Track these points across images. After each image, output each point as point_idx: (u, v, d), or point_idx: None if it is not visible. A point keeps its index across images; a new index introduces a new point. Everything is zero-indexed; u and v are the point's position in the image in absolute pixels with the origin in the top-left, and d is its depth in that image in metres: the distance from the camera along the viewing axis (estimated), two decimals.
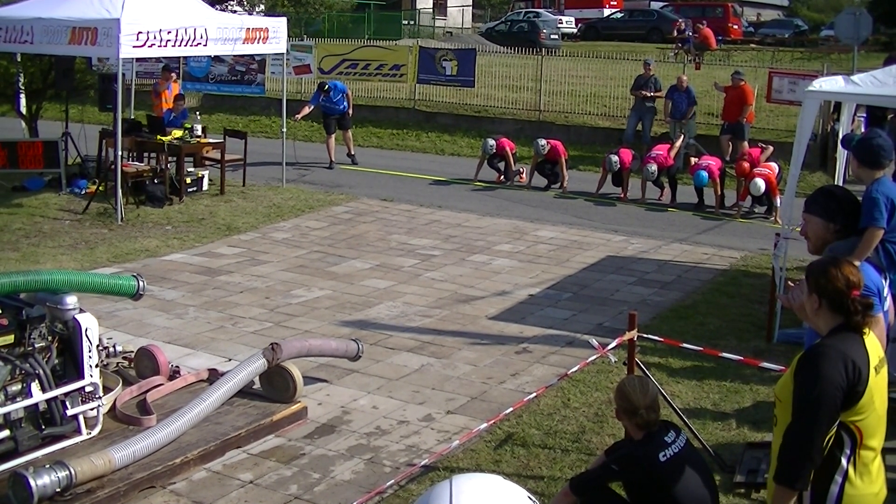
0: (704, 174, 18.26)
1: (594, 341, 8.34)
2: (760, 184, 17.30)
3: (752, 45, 46.41)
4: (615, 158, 19.31)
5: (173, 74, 23.24)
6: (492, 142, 20.57)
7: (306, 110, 22.35)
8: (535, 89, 27.92)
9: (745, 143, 21.05)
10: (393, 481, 7.67)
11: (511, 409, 8.53)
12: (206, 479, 7.82)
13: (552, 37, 47.07)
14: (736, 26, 52.72)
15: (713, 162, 18.82)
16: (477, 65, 28.13)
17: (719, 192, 18.55)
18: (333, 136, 22.41)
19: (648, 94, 23.25)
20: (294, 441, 8.50)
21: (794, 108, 20.18)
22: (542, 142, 20.06)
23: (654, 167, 18.92)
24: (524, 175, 20.79)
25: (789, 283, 8.09)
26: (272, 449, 8.35)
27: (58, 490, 7.07)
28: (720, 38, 44.13)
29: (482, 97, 28.60)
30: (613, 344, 8.22)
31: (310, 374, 9.72)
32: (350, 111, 22.98)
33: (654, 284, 13.48)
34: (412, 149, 25.79)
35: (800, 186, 11.70)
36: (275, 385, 8.98)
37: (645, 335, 8.34)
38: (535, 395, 8.74)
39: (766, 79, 23.95)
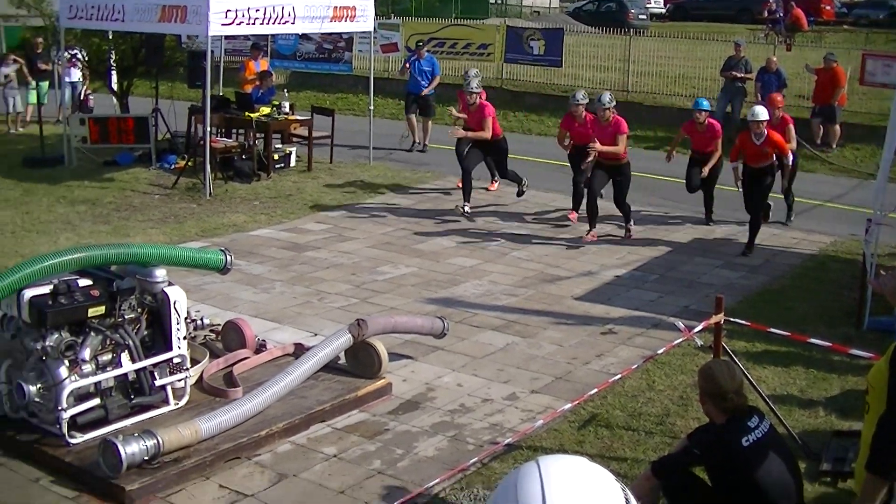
0: None
1: (680, 324, 8.27)
2: None
3: (845, 27, 45.45)
4: None
5: (261, 52, 23.37)
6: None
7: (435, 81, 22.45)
8: (623, 70, 27.66)
9: (837, 127, 20.71)
10: (476, 459, 7.68)
11: (595, 389, 8.47)
12: (291, 451, 7.89)
13: (640, 17, 46.55)
14: (828, 7, 51.60)
15: None
16: (564, 44, 27.90)
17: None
18: (413, 115, 22.07)
19: (738, 76, 22.93)
20: (378, 416, 8.53)
21: (888, 92, 19.76)
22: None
23: None
24: None
25: (881, 269, 7.94)
26: (356, 424, 8.39)
27: (145, 458, 7.17)
28: (812, 18, 43.26)
29: (569, 77, 28.38)
30: (700, 327, 8.14)
31: (395, 350, 9.74)
32: (430, 94, 22.28)
33: (741, 268, 13.32)
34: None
35: (893, 171, 11.46)
36: (360, 360, 9.01)
37: (731, 319, 8.23)
38: (619, 376, 8.69)
39: (860, 61, 23.45)
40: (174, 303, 8.10)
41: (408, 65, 22.42)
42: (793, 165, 15.09)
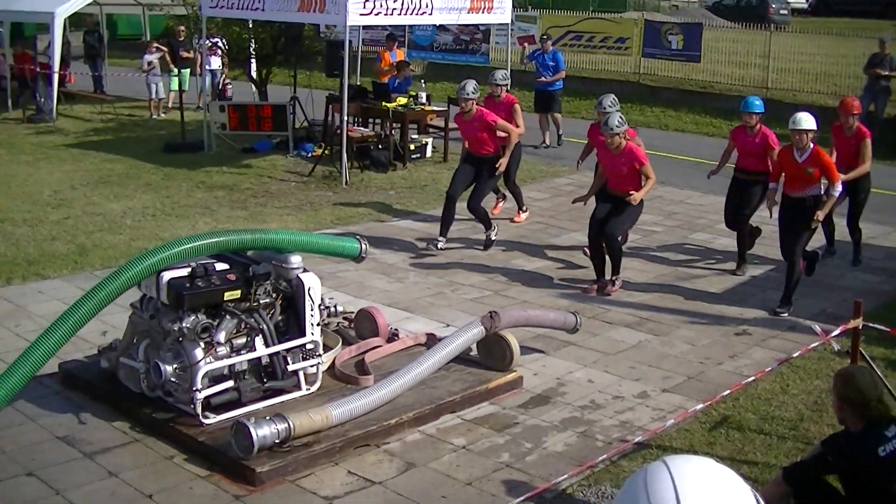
0: None
1: (817, 327, 8.09)
2: None
3: None
4: None
5: (396, 42, 23.48)
6: None
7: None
8: (763, 66, 27.17)
9: None
10: (605, 456, 7.60)
11: (728, 391, 8.32)
12: (420, 441, 7.90)
13: (781, 12, 45.69)
14: None
15: None
16: (703, 39, 27.53)
17: None
18: (540, 114, 21.70)
19: (883, 74, 22.34)
20: (508, 409, 8.50)
21: None
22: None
23: None
24: None
25: None
26: (486, 416, 8.37)
27: (276, 441, 7.25)
28: None
29: (708, 73, 28.00)
30: (837, 331, 7.93)
31: (527, 343, 9.70)
32: (555, 87, 21.81)
33: (881, 272, 12.96)
34: (635, 123, 25.22)
35: None
36: (492, 353, 9.00)
37: (870, 324, 8.00)
38: (753, 378, 8.52)
39: None
40: (309, 289, 8.18)
41: (527, 61, 22.19)
42: (855, 194, 12.73)
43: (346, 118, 17.03)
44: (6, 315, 10.69)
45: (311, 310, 8.21)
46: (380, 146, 18.64)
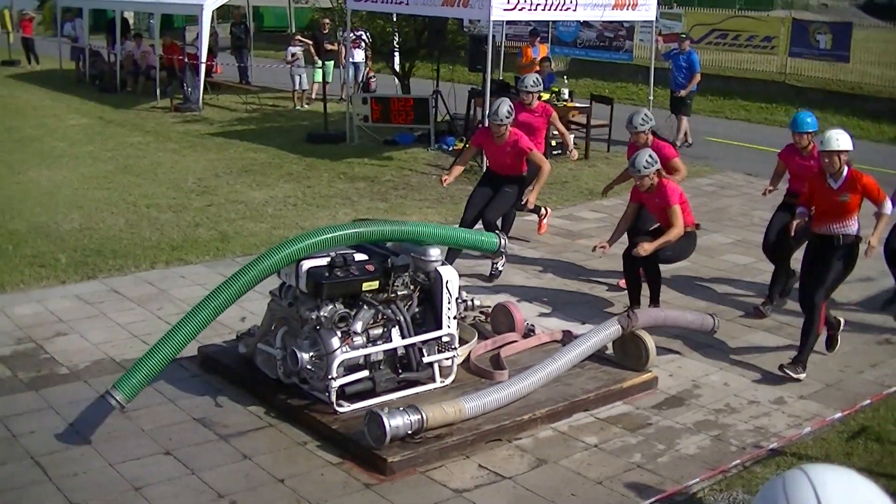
0: None
1: None
2: None
3: None
4: None
5: (539, 38, 23.43)
6: None
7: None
8: None
9: None
10: (738, 461, 7.46)
11: (868, 401, 8.13)
12: (552, 437, 7.86)
13: None
14: None
15: None
16: (853, 39, 26.87)
17: None
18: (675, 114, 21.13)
19: None
20: (642, 410, 8.40)
21: None
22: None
23: None
24: None
25: None
26: (619, 415, 8.28)
27: (409, 432, 7.27)
28: None
29: (857, 73, 27.36)
30: None
31: (663, 344, 9.57)
32: (687, 93, 20.83)
33: None
34: (781, 124, 24.90)
35: None
36: (628, 352, 8.91)
37: None
38: (894, 389, 8.29)
39: None
40: (447, 282, 8.19)
41: (663, 59, 21.70)
42: None
43: (487, 113, 17.03)
44: (149, 298, 10.95)
45: (449, 303, 8.22)
46: None
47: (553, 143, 18.94)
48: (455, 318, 8.31)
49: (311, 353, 7.80)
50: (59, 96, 28.25)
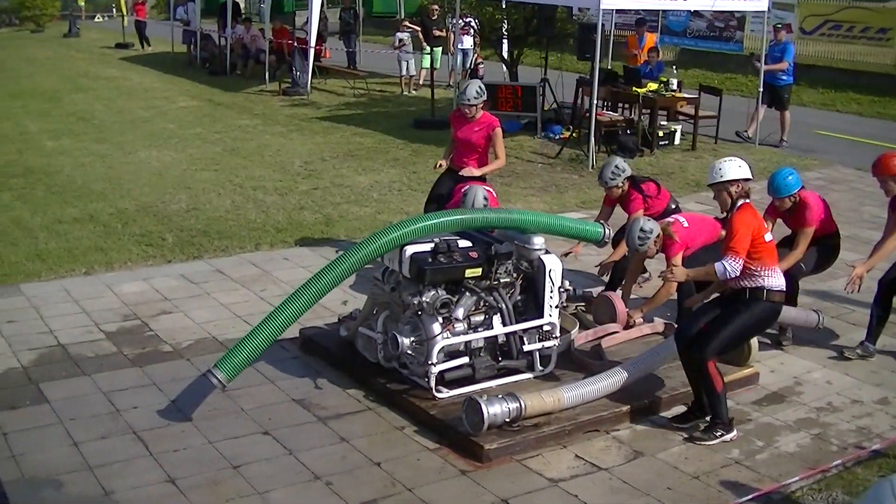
0: None
1: None
2: None
3: None
4: None
5: (646, 27, 23.17)
6: None
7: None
8: None
9: None
10: (839, 461, 7.32)
11: None
12: (650, 430, 7.79)
13: None
14: None
15: None
16: None
17: None
18: (763, 106, 19.95)
19: None
20: (742, 405, 8.27)
21: None
22: None
23: None
24: None
25: None
26: None
27: (507, 420, 7.25)
28: None
29: None
30: None
31: (765, 339, 9.42)
32: (782, 85, 19.82)
33: None
34: (893, 118, 24.44)
35: None
36: None
37: None
38: None
39: None
40: (549, 271, 8.13)
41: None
42: None
43: (595, 102, 16.92)
44: (253, 279, 11.06)
45: (551, 291, 8.16)
46: (628, 131, 18.44)
47: (661, 133, 18.74)
48: (557, 307, 8.25)
49: (412, 338, 7.81)
50: (169, 79, 28.69)
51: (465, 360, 7.88)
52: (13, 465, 7.06)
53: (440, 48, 25.50)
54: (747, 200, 7.77)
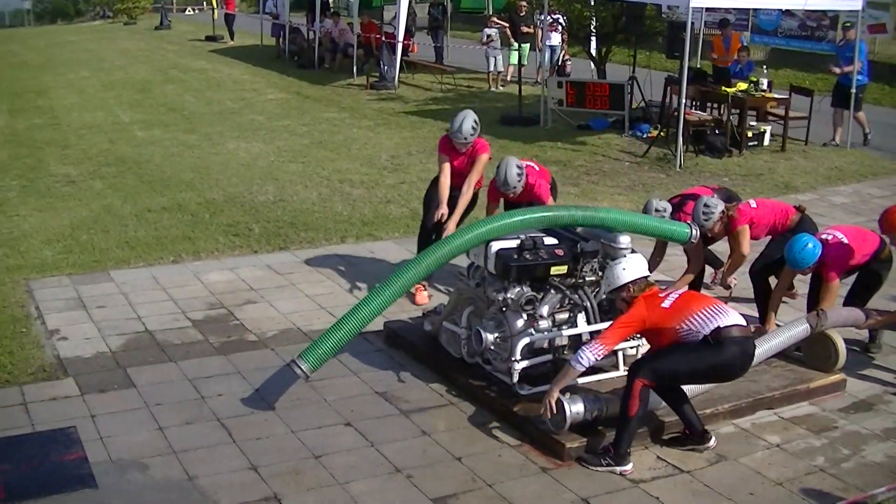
0: None
1: None
2: None
3: None
4: None
5: (730, 26, 22.90)
6: None
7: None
8: None
9: None
10: None
11: None
12: (733, 434, 7.71)
13: None
14: None
15: None
16: None
17: None
18: (835, 109, 19.32)
19: None
20: (828, 412, 8.14)
21: None
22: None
23: None
24: None
25: None
26: (804, 416, 8.05)
27: (589, 419, 7.23)
28: None
29: None
30: None
31: (855, 345, 9.27)
32: (858, 82, 18.85)
33: None
34: None
35: None
36: (816, 353, 8.65)
37: None
38: None
39: None
40: None
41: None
42: None
43: (684, 101, 16.77)
44: (338, 271, 11.14)
45: None
46: (716, 131, 18.24)
47: (750, 134, 18.52)
48: None
49: (496, 334, 7.81)
50: (258, 71, 28.94)
51: (549, 357, 7.86)
52: (100, 447, 7.21)
53: (528, 45, 25.43)
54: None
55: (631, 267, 7.36)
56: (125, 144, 18.13)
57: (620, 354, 8.13)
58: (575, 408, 7.16)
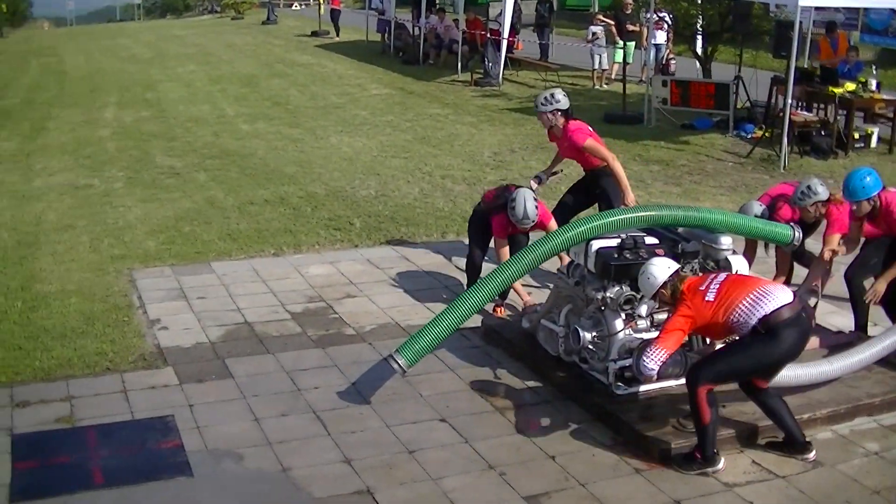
0: None
1: None
2: None
3: None
4: None
5: (838, 27, 22.50)
6: None
7: None
8: None
9: None
10: None
11: None
12: (830, 440, 7.56)
13: None
14: None
15: None
16: None
17: None
18: None
19: None
20: None
21: None
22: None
23: None
24: None
25: None
26: None
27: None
28: None
29: None
30: None
31: None
32: None
33: None
34: None
35: None
36: None
37: None
38: None
39: None
40: (736, 272, 7.98)
41: None
42: None
43: (790, 101, 16.53)
44: (437, 267, 11.20)
45: None
46: (822, 132, 17.95)
47: (856, 135, 18.19)
48: None
49: (594, 333, 7.77)
50: (363, 66, 29.14)
51: None
52: (197, 436, 7.31)
53: (633, 43, 25.24)
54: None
55: (655, 270, 7.13)
56: (229, 137, 18.39)
57: None
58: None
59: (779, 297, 6.86)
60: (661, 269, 7.14)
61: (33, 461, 7.00)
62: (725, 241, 8.10)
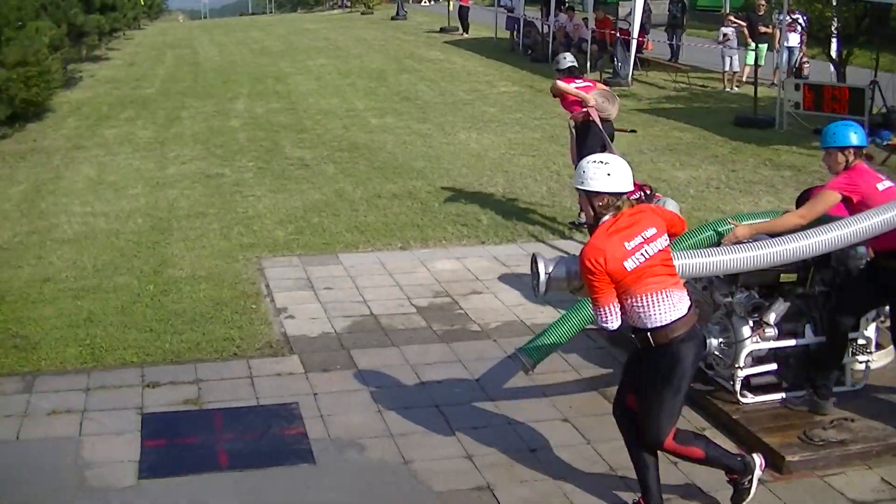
0: None
1: None
2: None
3: None
4: None
5: None
6: None
7: None
8: None
9: None
10: None
11: None
12: None
13: None
14: None
15: None
16: None
17: None
18: None
19: None
20: None
21: None
22: None
23: None
24: None
25: None
26: None
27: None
28: None
29: None
30: None
31: None
32: None
33: None
34: None
35: None
36: None
37: None
38: None
39: None
40: None
41: None
42: None
43: None
44: None
45: None
46: None
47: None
48: (874, 320, 7.92)
49: (721, 340, 7.69)
50: (491, 63, 29.19)
51: (774, 366, 7.68)
52: (320, 425, 7.43)
53: (765, 45, 24.86)
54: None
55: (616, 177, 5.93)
56: (359, 131, 18.58)
57: (848, 369, 7.87)
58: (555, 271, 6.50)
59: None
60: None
61: (162, 440, 7.22)
62: (861, 250, 7.88)
